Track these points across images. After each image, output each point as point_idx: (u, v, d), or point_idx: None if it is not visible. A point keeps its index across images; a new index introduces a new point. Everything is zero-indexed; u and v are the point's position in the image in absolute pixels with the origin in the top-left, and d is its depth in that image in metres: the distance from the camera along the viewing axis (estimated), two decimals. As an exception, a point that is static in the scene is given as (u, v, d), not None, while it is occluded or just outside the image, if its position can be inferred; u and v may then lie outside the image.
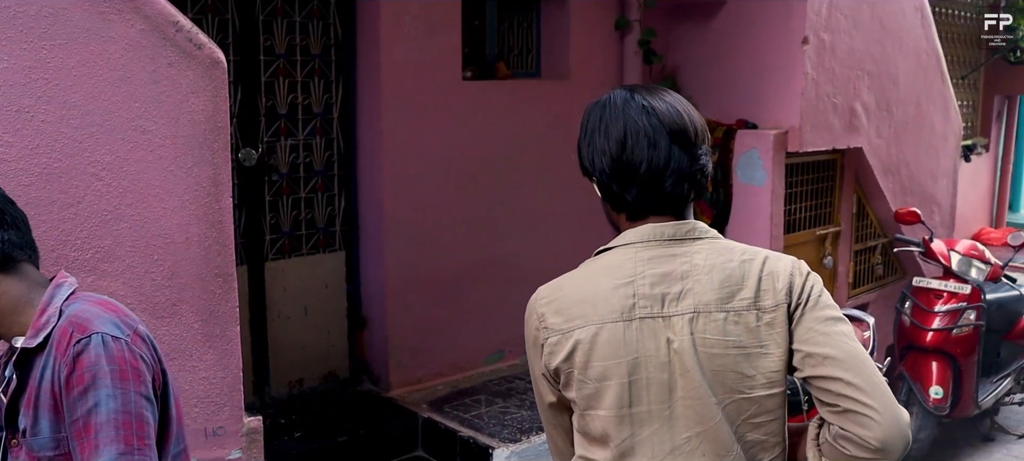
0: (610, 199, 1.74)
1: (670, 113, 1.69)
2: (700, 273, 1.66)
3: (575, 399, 1.69)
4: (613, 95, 1.74)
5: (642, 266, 1.67)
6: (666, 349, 1.64)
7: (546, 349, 1.70)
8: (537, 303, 1.74)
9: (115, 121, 2.60)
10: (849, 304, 6.27)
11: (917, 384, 5.51)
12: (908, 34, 6.16)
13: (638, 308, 1.65)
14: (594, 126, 1.73)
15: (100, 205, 2.61)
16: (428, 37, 4.63)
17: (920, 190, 6.60)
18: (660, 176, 1.67)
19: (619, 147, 1.68)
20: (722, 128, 5.43)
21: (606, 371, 1.64)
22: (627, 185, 1.69)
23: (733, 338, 1.63)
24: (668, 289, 1.65)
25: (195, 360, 2.87)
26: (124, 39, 2.59)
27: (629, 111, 1.68)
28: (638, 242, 1.69)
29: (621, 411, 1.64)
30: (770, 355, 1.64)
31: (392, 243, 4.63)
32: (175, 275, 2.78)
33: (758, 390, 1.65)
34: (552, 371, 1.71)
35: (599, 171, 1.71)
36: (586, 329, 1.65)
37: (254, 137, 4.33)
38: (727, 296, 1.64)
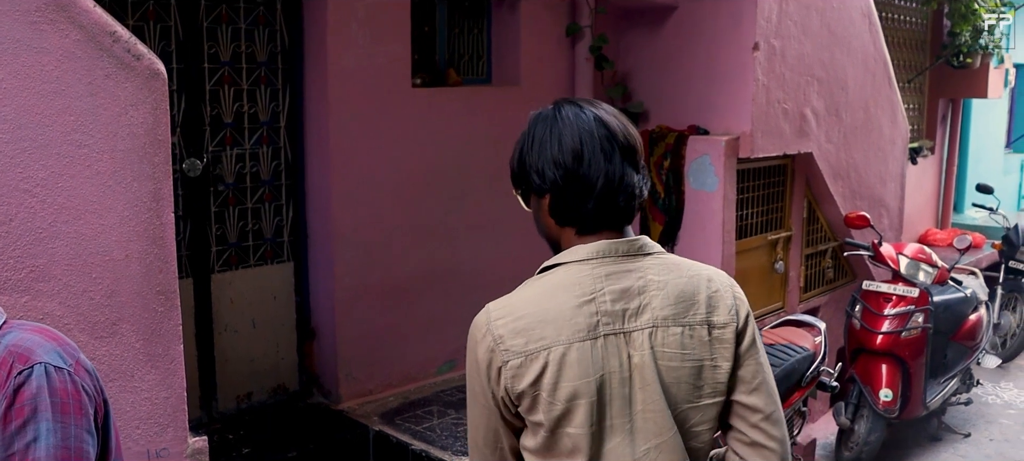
0: (559, 213, 1.73)
1: (621, 129, 1.72)
2: (655, 288, 1.69)
3: (541, 421, 1.66)
4: (562, 108, 1.74)
5: (601, 282, 1.68)
6: (627, 364, 1.66)
7: (507, 373, 1.65)
8: (492, 325, 1.68)
9: (49, 135, 2.50)
10: (800, 308, 6.32)
11: (867, 387, 5.58)
12: (856, 40, 6.22)
13: (601, 325, 1.66)
14: (543, 137, 1.72)
15: (34, 223, 2.51)
16: (377, 43, 4.57)
17: (869, 194, 6.67)
18: (615, 191, 1.69)
19: (575, 160, 1.68)
20: (674, 134, 5.43)
21: (576, 390, 1.63)
22: (583, 199, 1.69)
23: (689, 351, 1.69)
24: (627, 305, 1.67)
25: (137, 380, 2.78)
26: (58, 50, 2.49)
27: (582, 123, 1.70)
28: (593, 258, 1.70)
29: (591, 428, 1.64)
30: (719, 368, 1.71)
31: (341, 253, 4.56)
32: (114, 293, 2.69)
33: (705, 400, 1.72)
34: (514, 395, 1.66)
35: (550, 183, 1.70)
36: (554, 350, 1.64)
37: (199, 147, 4.23)
38: (682, 311, 1.70)
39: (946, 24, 8.84)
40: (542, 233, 1.82)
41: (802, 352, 4.60)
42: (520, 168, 1.77)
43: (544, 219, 1.77)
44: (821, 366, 4.71)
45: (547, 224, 1.77)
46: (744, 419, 1.75)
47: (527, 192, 1.78)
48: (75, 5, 2.52)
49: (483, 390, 1.71)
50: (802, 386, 4.56)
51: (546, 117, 1.75)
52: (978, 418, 6.58)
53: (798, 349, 4.62)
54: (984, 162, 10.51)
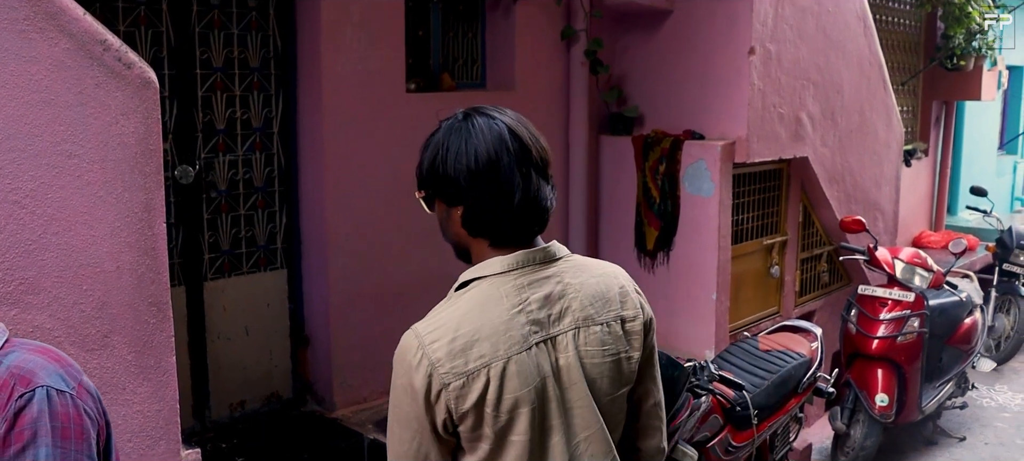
0: (473, 225, 1.73)
1: (533, 141, 1.74)
2: (573, 292, 1.75)
3: (486, 434, 1.67)
4: (473, 117, 1.73)
5: (525, 292, 1.71)
6: (556, 366, 1.71)
7: (449, 395, 1.64)
8: (426, 350, 1.66)
9: (39, 146, 2.46)
10: (796, 313, 6.31)
11: (863, 392, 5.56)
12: (851, 44, 6.21)
13: (532, 334, 1.69)
14: (458, 148, 1.70)
15: (23, 234, 2.46)
16: (371, 48, 4.53)
17: (864, 197, 6.66)
18: (531, 206, 1.72)
19: (491, 172, 1.68)
20: (669, 139, 5.40)
21: (519, 400, 1.66)
22: (500, 214, 1.70)
23: (608, 346, 1.76)
24: (550, 310, 1.72)
25: (129, 393, 2.74)
26: (48, 59, 2.45)
27: (495, 134, 1.70)
28: (514, 270, 1.72)
29: (533, 432, 1.68)
30: (632, 358, 1.80)
31: (335, 259, 4.52)
32: (106, 306, 2.64)
33: (621, 390, 1.80)
34: (458, 415, 1.65)
35: (465, 194, 1.70)
36: (495, 365, 1.65)
37: (191, 154, 4.18)
38: (599, 310, 1.77)
39: (940, 27, 8.84)
40: (449, 240, 1.83)
41: (798, 358, 4.58)
42: (431, 175, 1.75)
43: (454, 228, 1.77)
44: (818, 372, 4.69)
45: (457, 233, 1.78)
46: (640, 402, 1.88)
47: (433, 198, 1.78)
48: (65, 13, 2.48)
49: (417, 415, 1.67)
50: (799, 393, 4.55)
51: (458, 127, 1.73)
52: (973, 422, 6.57)
53: (795, 355, 4.61)
54: (977, 164, 10.52)
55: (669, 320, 5.56)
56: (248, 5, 4.34)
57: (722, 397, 4.07)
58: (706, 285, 5.41)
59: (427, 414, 1.66)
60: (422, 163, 1.78)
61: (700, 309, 5.46)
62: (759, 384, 4.33)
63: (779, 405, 4.43)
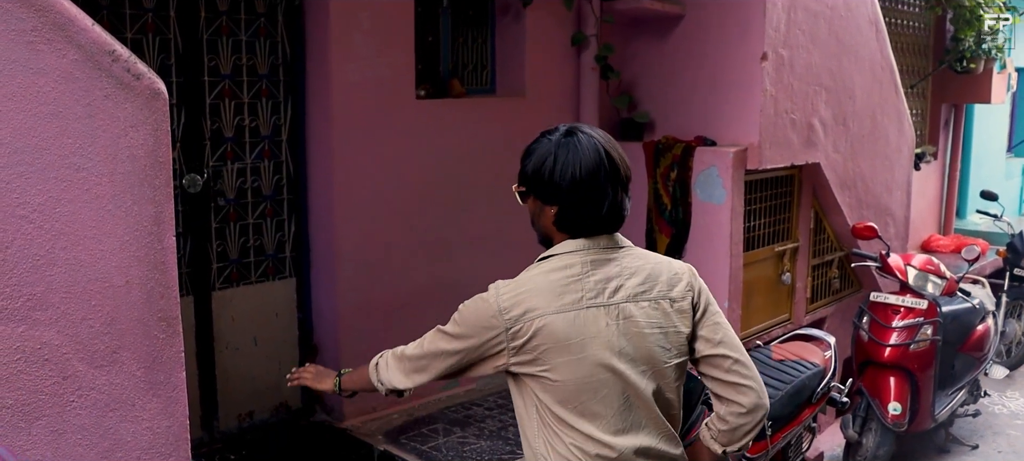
0: (565, 224, 2.16)
1: (620, 160, 2.17)
2: (628, 274, 2.16)
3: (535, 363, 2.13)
4: (577, 134, 2.16)
5: (588, 268, 2.13)
6: (605, 329, 2.11)
7: (507, 333, 2.13)
8: (500, 296, 2.17)
9: (46, 159, 2.41)
10: (807, 319, 6.25)
11: (875, 400, 5.51)
12: (864, 48, 6.15)
13: (585, 300, 2.12)
14: (565, 159, 2.11)
15: (31, 249, 2.42)
16: (380, 54, 4.48)
17: (876, 203, 6.61)
18: (612, 214, 2.16)
19: (590, 184, 2.10)
20: (681, 145, 5.35)
21: (563, 346, 2.10)
22: (589, 218, 2.14)
23: (654, 319, 2.16)
24: (607, 285, 2.13)
25: (138, 409, 2.69)
26: (55, 70, 2.40)
27: (595, 152, 2.12)
28: (580, 249, 2.15)
29: (577, 377, 2.11)
30: (681, 333, 2.19)
31: (344, 268, 4.47)
32: (114, 321, 2.60)
33: (674, 359, 2.19)
34: (512, 348, 2.13)
35: (563, 198, 2.12)
36: (544, 318, 2.10)
37: (199, 162, 4.14)
38: (648, 288, 2.17)
39: (949, 29, 8.78)
40: (538, 230, 2.28)
41: (812, 368, 4.52)
42: (535, 177, 2.16)
43: (545, 222, 2.21)
44: (831, 382, 4.63)
45: (547, 226, 2.21)
46: (717, 366, 2.21)
47: (528, 194, 2.22)
48: (73, 24, 2.43)
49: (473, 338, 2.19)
50: (813, 403, 4.48)
51: (564, 142, 2.14)
52: (986, 429, 6.51)
53: (808, 365, 4.55)
54: (986, 167, 10.46)
55: (680, 328, 5.50)
56: (257, 11, 4.29)
57: (736, 408, 4.01)
58: (718, 293, 5.36)
59: (479, 336, 2.17)
60: (526, 166, 2.20)
61: (711, 317, 5.39)
62: (773, 394, 4.26)
63: (793, 415, 4.37)
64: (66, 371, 2.52)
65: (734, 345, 2.22)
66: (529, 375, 2.16)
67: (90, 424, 2.58)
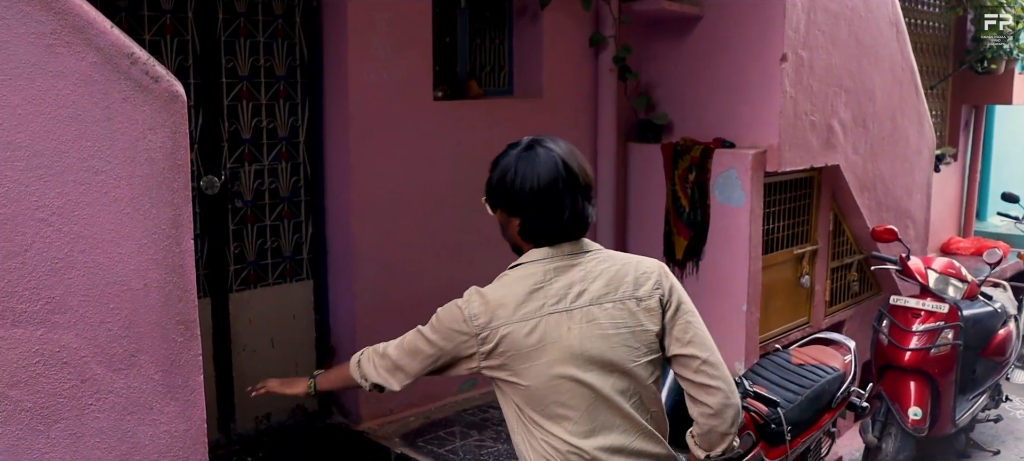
0: (528, 234, 2.25)
1: (580, 170, 2.24)
2: (592, 277, 2.22)
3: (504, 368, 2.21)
4: (536, 146, 2.23)
5: (552, 275, 2.21)
6: (566, 334, 2.17)
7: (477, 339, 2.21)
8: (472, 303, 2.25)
9: (65, 162, 2.41)
10: (826, 323, 6.20)
11: (895, 405, 5.45)
12: (884, 49, 6.10)
13: (549, 306, 2.18)
14: (524, 172, 2.19)
15: (50, 252, 2.41)
16: (397, 56, 4.47)
17: (895, 205, 6.55)
18: (575, 221, 2.22)
19: (548, 194, 2.18)
20: (699, 147, 5.32)
21: (530, 351, 2.17)
22: (551, 228, 2.21)
23: (620, 320, 2.20)
24: (570, 291, 2.19)
25: (156, 413, 2.69)
26: (74, 73, 2.40)
27: (552, 163, 2.19)
28: (546, 257, 2.23)
29: (545, 381, 2.17)
30: (649, 331, 2.23)
31: (361, 270, 4.46)
32: (133, 324, 2.59)
33: (644, 357, 2.23)
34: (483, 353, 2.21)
35: (524, 209, 2.20)
36: (510, 325, 2.17)
37: (216, 164, 4.14)
38: (612, 290, 2.22)
39: (970, 29, 8.70)
40: (508, 240, 2.35)
41: (832, 372, 4.49)
42: (499, 189, 2.25)
43: (512, 232, 2.29)
44: (851, 387, 4.59)
45: (514, 236, 2.30)
46: (686, 366, 2.25)
47: (496, 206, 2.30)
48: (92, 27, 2.43)
49: (447, 341, 2.28)
50: (832, 407, 4.45)
51: (524, 155, 2.22)
52: (1007, 434, 6.45)
53: (828, 369, 4.51)
54: (1007, 169, 10.34)
55: (698, 331, 5.46)
56: (274, 13, 4.29)
57: (755, 413, 3.99)
58: (736, 296, 5.32)
59: (453, 340, 2.25)
60: (491, 179, 2.28)
61: (730, 320, 5.36)
62: (792, 399, 4.23)
63: (812, 420, 4.34)
64: (84, 374, 2.52)
65: (704, 345, 2.26)
66: (501, 379, 2.25)
67: (108, 427, 2.57)
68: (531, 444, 2.25)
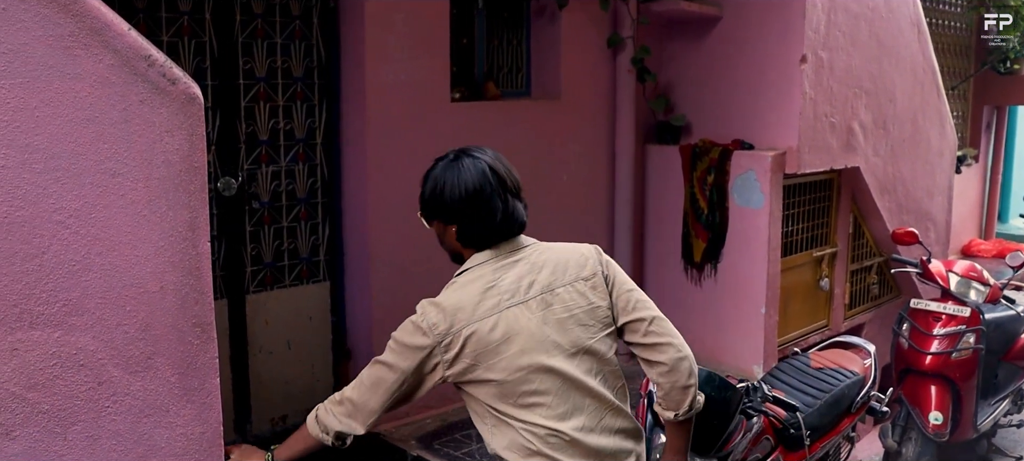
0: (466, 239, 2.34)
1: (507, 172, 2.34)
2: (538, 269, 2.32)
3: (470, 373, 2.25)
4: (461, 158, 2.33)
5: (499, 273, 2.30)
6: (528, 324, 2.25)
7: (440, 349, 2.25)
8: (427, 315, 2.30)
9: (82, 164, 2.40)
10: (845, 326, 6.15)
11: (916, 409, 5.39)
12: (905, 50, 6.04)
13: (504, 302, 2.26)
14: (453, 181, 2.29)
15: (67, 255, 2.41)
16: (415, 57, 4.46)
17: (916, 207, 6.49)
18: (508, 221, 2.32)
19: (477, 199, 2.27)
20: (718, 149, 5.28)
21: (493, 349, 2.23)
22: (485, 230, 2.31)
23: (571, 302, 2.31)
24: (520, 284, 2.29)
25: (172, 416, 2.68)
26: (92, 76, 2.39)
27: (478, 170, 2.28)
28: (490, 260, 2.32)
29: (513, 374, 2.23)
30: (600, 307, 2.34)
31: (378, 272, 4.45)
32: (149, 327, 2.58)
33: (600, 333, 2.33)
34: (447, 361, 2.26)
35: (458, 216, 2.30)
36: (470, 327, 2.23)
37: (234, 165, 4.14)
38: (560, 276, 2.33)
39: (991, 29, 8.62)
40: (446, 249, 2.45)
41: (851, 377, 4.44)
42: (432, 201, 2.35)
43: (450, 240, 2.38)
44: (871, 391, 4.55)
45: (453, 244, 2.38)
46: (635, 331, 2.35)
47: (432, 218, 2.40)
48: (109, 28, 2.42)
49: (410, 359, 2.30)
50: (852, 412, 4.41)
51: (450, 165, 2.32)
52: (1029, 440, 6.37)
53: (847, 374, 4.47)
54: (1029, 171, 10.27)
55: (716, 335, 5.43)
56: (292, 14, 4.29)
57: (774, 418, 3.95)
58: (755, 299, 5.28)
59: (417, 359, 2.28)
60: (423, 192, 2.38)
61: (748, 323, 5.33)
62: (812, 403, 4.20)
63: (832, 425, 4.30)
64: (101, 377, 2.51)
65: (647, 307, 2.37)
66: (468, 382, 2.30)
67: (125, 430, 2.57)
68: (510, 439, 2.29)
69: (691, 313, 5.61)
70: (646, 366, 2.38)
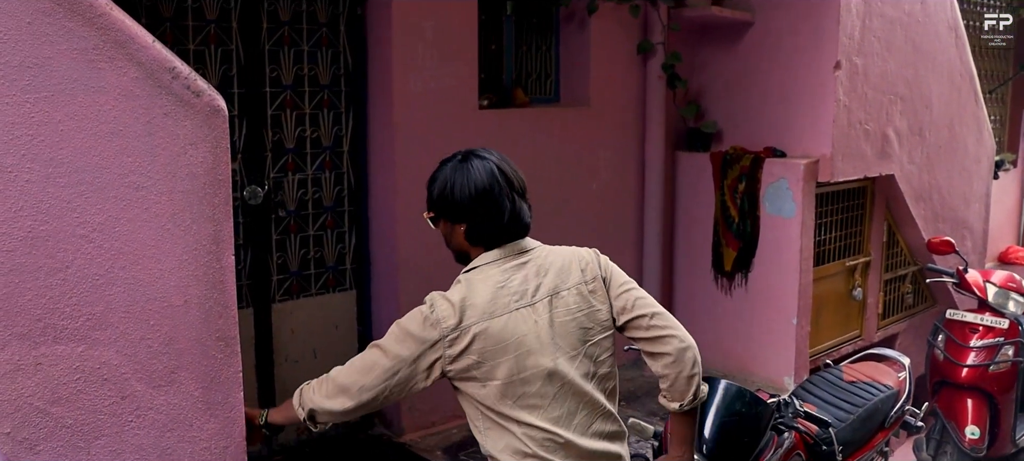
0: (474, 237, 2.35)
1: (514, 174, 2.39)
2: (544, 271, 2.35)
3: (472, 372, 2.26)
4: (470, 159, 2.36)
5: (508, 274, 2.32)
6: (534, 327, 2.29)
7: (445, 344, 2.25)
8: (437, 309, 2.29)
9: (106, 178, 2.39)
10: (878, 336, 6.05)
11: (952, 423, 5.28)
12: (942, 55, 5.93)
13: (513, 304, 2.28)
14: (462, 182, 2.32)
15: (91, 269, 2.40)
16: (443, 64, 4.43)
17: (952, 216, 6.37)
18: (515, 220, 2.35)
19: (486, 198, 2.30)
20: (749, 156, 5.21)
21: (498, 349, 2.25)
22: (493, 228, 2.33)
23: (573, 305, 2.35)
24: (527, 286, 2.32)
25: (196, 430, 2.66)
26: (116, 89, 2.38)
27: (487, 171, 2.32)
28: (498, 260, 2.34)
29: (515, 376, 2.25)
30: (600, 311, 2.38)
31: (405, 281, 4.42)
32: (173, 341, 2.57)
33: (598, 336, 2.37)
34: (450, 358, 2.26)
35: (468, 214, 2.32)
36: (479, 325, 2.25)
37: (260, 173, 4.12)
38: (563, 280, 2.37)
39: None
40: (453, 248, 2.45)
41: (885, 391, 4.35)
42: (441, 201, 2.37)
43: (458, 240, 2.39)
44: (906, 405, 4.46)
45: (460, 243, 2.39)
46: (638, 328, 2.36)
47: (439, 218, 2.41)
48: (134, 41, 2.41)
49: (411, 348, 2.29)
50: (885, 427, 4.32)
51: (460, 166, 2.35)
52: (1069, 454, 6.22)
53: (881, 387, 4.38)
54: (1069, 176, 10.05)
55: (746, 345, 5.36)
56: (318, 22, 4.27)
57: (806, 433, 3.87)
58: (786, 309, 5.20)
59: (417, 347, 2.28)
60: (432, 192, 2.41)
61: (779, 334, 5.24)
62: (844, 418, 4.11)
63: (865, 440, 4.21)
64: (125, 391, 2.50)
65: (648, 303, 2.39)
66: (467, 379, 2.30)
67: (148, 444, 2.56)
68: (505, 442, 2.31)
69: (721, 323, 5.53)
70: (650, 359, 2.40)
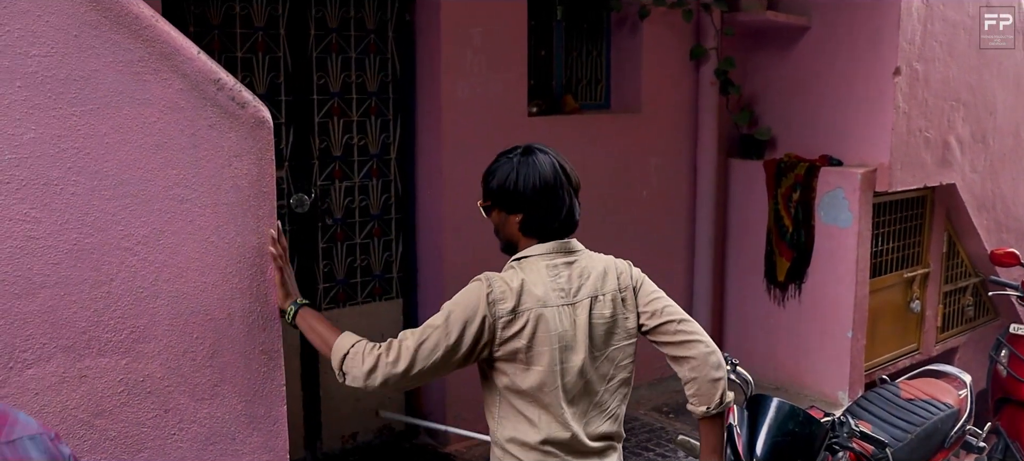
0: (530, 228, 2.39)
1: (572, 172, 2.43)
2: (586, 275, 2.40)
3: (519, 356, 2.30)
4: (533, 153, 2.39)
5: (556, 270, 2.37)
6: (573, 325, 2.35)
7: (499, 324, 2.28)
8: (494, 288, 2.30)
9: (151, 190, 2.37)
10: (936, 350, 5.88)
11: (1015, 443, 5.11)
12: (1007, 58, 5.75)
13: (559, 299, 2.34)
14: (526, 173, 2.35)
15: (135, 282, 2.38)
16: (492, 70, 4.38)
17: (1017, 225, 6.18)
18: (570, 216, 2.41)
19: (550, 190, 2.36)
20: (804, 164, 5.09)
21: (544, 338, 2.30)
22: (552, 220, 2.38)
23: (609, 311, 2.41)
24: (571, 285, 2.37)
25: (239, 443, 2.64)
26: (161, 101, 2.36)
27: (551, 164, 2.37)
28: (548, 253, 2.39)
29: (552, 359, 2.30)
30: (629, 318, 2.45)
31: (451, 289, 4.34)
32: (216, 354, 2.55)
33: (622, 341, 2.43)
34: (501, 340, 2.28)
35: (528, 205, 2.35)
36: (533, 312, 2.29)
37: (307, 181, 4.11)
38: (602, 286, 2.42)
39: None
40: (503, 238, 2.49)
41: (945, 409, 4.21)
42: (500, 191, 2.40)
43: (511, 230, 2.42)
44: (967, 425, 4.30)
45: (513, 233, 2.43)
46: (664, 333, 2.43)
47: (493, 208, 2.45)
48: (179, 53, 2.39)
49: (465, 323, 2.29)
50: (945, 447, 4.18)
51: (524, 159, 2.39)
52: None
53: (941, 406, 4.23)
54: None
55: (799, 358, 5.23)
56: (366, 28, 4.25)
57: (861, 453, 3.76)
58: (841, 321, 5.07)
59: (469, 328, 2.28)
60: (490, 183, 2.44)
61: (833, 347, 5.12)
62: (901, 437, 3.98)
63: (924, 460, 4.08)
64: (168, 404, 2.49)
65: (675, 310, 2.45)
66: (511, 361, 2.33)
67: (191, 457, 2.54)
68: (517, 431, 2.36)
69: (773, 334, 5.42)
70: (676, 364, 2.45)
